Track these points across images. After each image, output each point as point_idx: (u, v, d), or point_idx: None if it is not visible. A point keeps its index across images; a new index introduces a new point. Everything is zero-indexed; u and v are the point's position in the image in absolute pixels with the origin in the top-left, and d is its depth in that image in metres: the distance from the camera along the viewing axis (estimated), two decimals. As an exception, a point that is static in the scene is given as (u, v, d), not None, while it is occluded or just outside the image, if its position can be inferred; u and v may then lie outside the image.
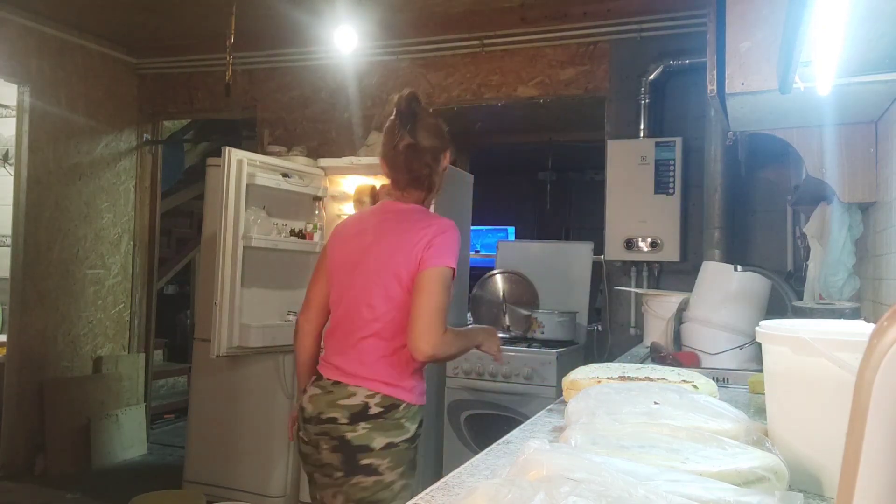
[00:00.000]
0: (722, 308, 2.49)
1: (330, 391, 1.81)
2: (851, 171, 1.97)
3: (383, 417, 1.77)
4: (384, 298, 1.80)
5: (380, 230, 1.87)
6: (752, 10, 1.56)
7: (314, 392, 1.85)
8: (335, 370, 1.84)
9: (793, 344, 0.93)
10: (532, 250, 4.22)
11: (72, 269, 4.53)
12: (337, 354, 1.86)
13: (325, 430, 1.78)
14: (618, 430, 0.91)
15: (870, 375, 0.52)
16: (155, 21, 4.40)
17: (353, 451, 1.75)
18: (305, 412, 1.84)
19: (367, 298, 1.82)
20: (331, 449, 1.78)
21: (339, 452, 1.76)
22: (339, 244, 1.95)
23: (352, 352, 1.83)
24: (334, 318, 1.91)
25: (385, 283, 1.80)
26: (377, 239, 1.85)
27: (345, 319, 1.86)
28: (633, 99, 3.76)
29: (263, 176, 3.50)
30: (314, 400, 1.83)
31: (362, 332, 1.82)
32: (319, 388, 1.84)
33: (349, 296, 1.86)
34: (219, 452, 3.79)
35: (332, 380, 1.83)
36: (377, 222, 1.90)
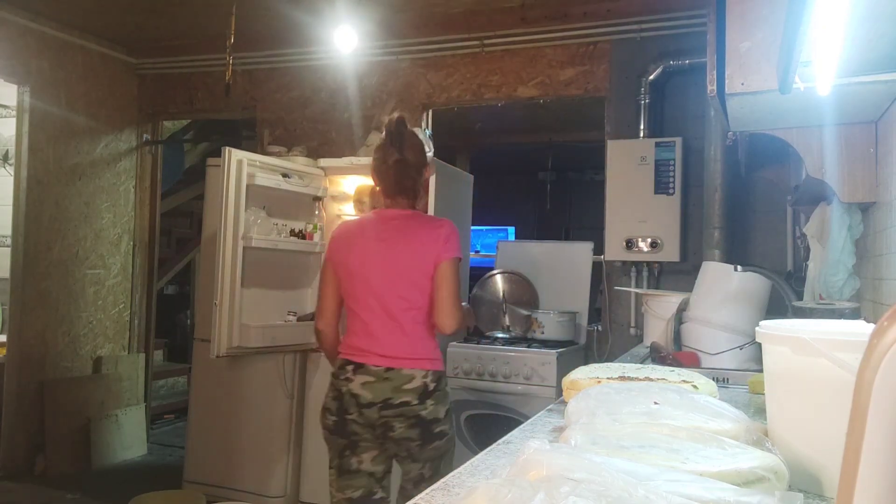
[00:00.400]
0: (722, 308, 2.49)
1: (386, 378, 2.12)
2: (851, 171, 1.97)
3: (438, 390, 2.16)
4: (416, 289, 2.15)
5: (389, 234, 2.19)
6: (752, 10, 1.56)
7: (366, 380, 2.13)
8: (382, 358, 2.13)
9: (793, 344, 0.93)
10: (532, 250, 4.22)
11: (72, 269, 4.53)
12: (380, 344, 2.14)
13: (401, 412, 2.10)
14: (618, 430, 0.91)
15: (870, 375, 0.52)
16: (155, 21, 4.40)
17: (428, 424, 2.12)
18: (361, 398, 2.12)
19: (400, 292, 2.15)
20: (408, 426, 2.11)
21: (417, 427, 2.11)
22: (345, 252, 2.23)
23: (397, 339, 2.14)
24: (363, 315, 2.18)
25: (413, 277, 2.15)
26: (391, 242, 2.18)
27: (379, 314, 2.16)
28: (632, 99, 3.76)
29: (263, 176, 3.50)
30: (370, 387, 2.12)
31: (402, 320, 2.14)
32: (371, 376, 2.13)
33: (378, 293, 2.16)
34: (219, 452, 3.79)
35: (382, 367, 2.13)
36: (383, 228, 2.21)
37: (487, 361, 3.48)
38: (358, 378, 2.14)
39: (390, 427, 2.12)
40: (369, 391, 2.12)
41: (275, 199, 3.63)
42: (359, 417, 2.14)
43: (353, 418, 2.15)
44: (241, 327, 3.37)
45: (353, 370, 2.16)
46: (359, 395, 2.13)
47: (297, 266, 3.78)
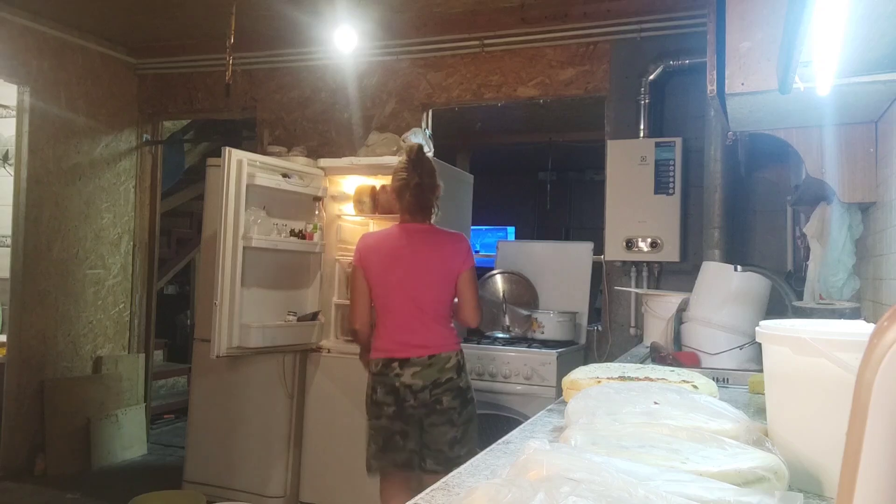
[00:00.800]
0: (722, 308, 2.49)
1: (430, 364, 2.60)
2: (851, 171, 1.97)
3: (465, 364, 2.70)
4: (443, 291, 2.66)
5: (418, 247, 2.67)
6: (752, 10, 1.55)
7: (413, 370, 2.59)
8: (422, 349, 2.60)
9: (793, 344, 0.93)
10: (532, 250, 4.22)
11: (72, 269, 4.53)
12: (420, 337, 2.61)
13: (448, 388, 2.60)
14: (618, 430, 0.91)
15: (870, 375, 0.52)
16: (155, 21, 4.40)
17: (464, 392, 2.65)
18: (414, 387, 2.58)
19: (431, 293, 2.64)
20: (452, 398, 2.60)
21: (459, 397, 2.62)
22: (378, 262, 2.68)
23: (432, 332, 2.63)
24: (400, 315, 2.64)
25: (441, 281, 2.66)
26: (420, 253, 2.66)
27: (415, 313, 2.62)
28: (633, 99, 3.76)
29: (263, 176, 3.50)
30: (420, 375, 2.59)
31: (433, 316, 2.64)
32: (417, 366, 2.60)
33: (413, 296, 2.63)
34: (219, 452, 3.79)
35: (425, 356, 2.60)
36: (411, 241, 2.68)
37: (487, 361, 3.48)
38: (407, 371, 2.59)
39: (440, 401, 2.60)
40: (419, 378, 2.59)
41: (275, 199, 3.63)
42: (415, 402, 2.60)
43: (410, 404, 2.60)
44: (241, 327, 3.37)
45: (399, 365, 2.60)
46: (412, 384, 2.59)
47: (297, 266, 3.78)
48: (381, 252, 2.68)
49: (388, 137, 3.82)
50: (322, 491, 3.66)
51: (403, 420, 2.62)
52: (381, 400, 2.63)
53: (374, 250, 2.69)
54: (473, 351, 3.53)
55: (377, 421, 2.66)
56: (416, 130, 3.82)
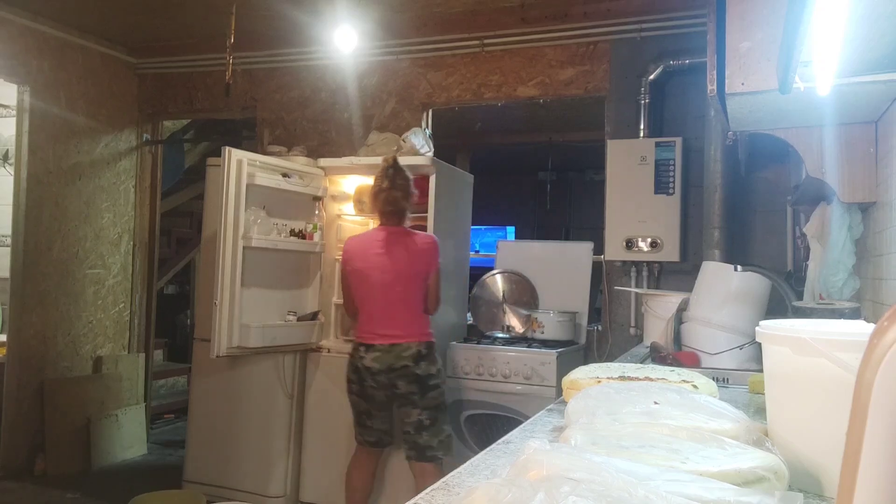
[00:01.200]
0: (722, 308, 2.49)
1: (390, 350, 2.93)
2: (851, 171, 1.97)
3: (429, 355, 2.99)
4: (411, 287, 3.00)
5: (390, 248, 3.01)
6: (752, 10, 1.55)
7: (375, 355, 2.94)
8: (386, 337, 2.94)
9: (793, 344, 0.93)
10: (532, 250, 4.22)
11: (72, 269, 4.53)
12: (384, 327, 2.96)
13: (402, 374, 2.93)
14: (618, 430, 0.91)
15: (870, 375, 0.52)
16: (155, 21, 4.40)
17: (423, 380, 2.95)
18: (373, 370, 2.94)
19: (398, 289, 2.98)
20: (407, 383, 2.94)
21: (415, 383, 2.94)
22: (356, 261, 3.05)
23: (396, 322, 2.97)
24: (371, 306, 3.00)
25: (409, 278, 3.00)
26: (391, 251, 3.00)
27: (385, 305, 2.97)
28: (633, 99, 3.76)
29: (263, 176, 3.50)
30: (379, 359, 2.94)
31: (399, 310, 2.98)
32: (378, 351, 2.94)
33: (383, 290, 2.98)
34: (219, 452, 3.79)
35: (386, 343, 2.93)
36: (383, 243, 3.02)
37: (487, 361, 3.48)
38: (368, 355, 2.96)
39: (395, 385, 2.94)
40: (377, 362, 2.94)
41: (275, 199, 3.63)
42: (373, 382, 2.96)
43: (369, 384, 2.98)
44: (241, 327, 3.38)
45: (364, 350, 2.97)
46: (370, 367, 2.95)
47: (297, 266, 3.78)
48: (360, 252, 3.05)
49: (388, 137, 3.82)
50: (322, 491, 3.66)
51: (365, 399, 3.02)
52: (350, 377, 3.05)
53: (354, 251, 3.07)
54: (473, 351, 3.53)
55: (349, 396, 3.08)
56: (416, 130, 3.82)
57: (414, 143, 3.70)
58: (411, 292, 2.99)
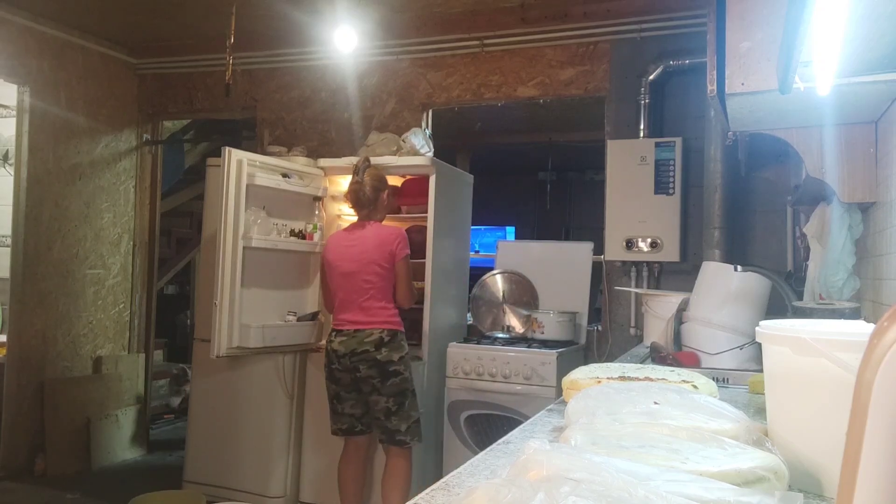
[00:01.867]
0: (722, 308, 2.49)
1: (354, 336, 3.10)
2: (851, 171, 1.97)
3: (392, 342, 3.11)
4: (375, 276, 3.14)
5: (360, 239, 3.20)
6: (752, 10, 1.55)
7: (341, 339, 3.11)
8: (351, 323, 3.13)
9: (793, 344, 0.93)
10: (532, 250, 4.22)
11: (72, 269, 4.53)
12: (350, 314, 3.14)
13: (363, 358, 3.07)
14: (618, 430, 0.91)
15: (870, 375, 0.52)
16: (155, 21, 4.40)
17: (383, 366, 3.07)
18: (338, 353, 3.11)
19: (362, 277, 3.14)
20: (368, 367, 3.07)
21: (375, 368, 3.07)
22: (335, 252, 3.23)
23: (361, 310, 3.13)
24: (341, 294, 3.18)
25: (373, 268, 3.14)
26: (361, 243, 3.18)
27: (351, 293, 3.15)
28: (633, 99, 3.76)
29: (263, 176, 3.50)
30: (344, 343, 3.10)
31: (363, 298, 3.13)
32: (344, 336, 3.11)
33: (349, 278, 3.15)
34: (219, 452, 3.79)
35: (351, 329, 3.11)
36: (353, 237, 3.23)
37: (487, 361, 3.48)
38: (336, 339, 3.14)
39: (357, 369, 3.08)
40: (342, 346, 3.11)
41: (275, 199, 3.63)
42: (339, 365, 3.13)
43: (335, 367, 3.15)
44: (241, 327, 3.38)
45: (334, 335, 3.16)
46: (337, 350, 3.13)
47: (297, 266, 3.78)
48: (333, 246, 3.25)
49: (388, 137, 3.82)
50: (322, 491, 3.66)
51: (334, 381, 3.17)
52: (325, 362, 3.22)
53: (329, 245, 3.28)
54: (473, 351, 3.54)
55: (326, 381, 3.23)
56: (415, 130, 3.82)
57: (414, 143, 3.70)
58: (374, 281, 3.12)
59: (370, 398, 3.12)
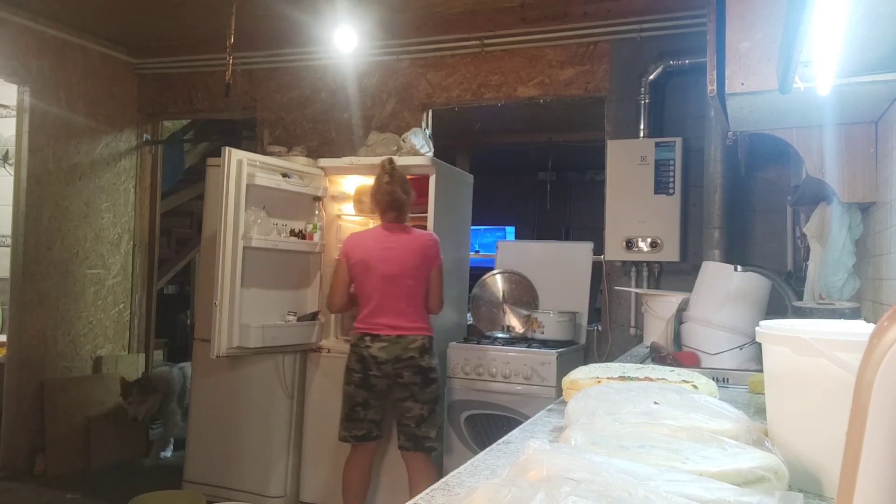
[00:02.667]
0: (722, 308, 2.49)
1: (397, 342, 3.03)
2: (851, 171, 1.97)
3: (431, 348, 3.11)
4: (415, 282, 3.10)
5: (400, 242, 3.12)
6: (752, 10, 1.55)
7: (381, 345, 3.02)
8: (391, 328, 3.03)
9: (793, 344, 0.93)
10: (532, 250, 4.22)
11: (72, 269, 4.53)
12: (389, 318, 3.04)
13: (409, 364, 3.02)
14: (618, 430, 0.91)
15: (870, 375, 0.52)
16: (155, 21, 4.40)
17: (426, 372, 3.06)
18: (379, 359, 3.02)
19: (405, 283, 3.07)
20: (412, 374, 3.03)
21: (419, 375, 3.04)
22: (373, 253, 3.10)
23: (402, 315, 3.06)
24: (378, 298, 3.07)
25: (414, 273, 3.10)
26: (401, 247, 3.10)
27: (390, 297, 3.06)
28: (633, 99, 3.76)
29: (263, 176, 3.50)
30: (385, 349, 3.02)
31: (406, 303, 3.08)
32: (384, 342, 3.03)
33: (390, 282, 3.06)
34: (219, 452, 3.79)
35: (392, 335, 3.03)
36: (388, 240, 3.12)
37: (487, 361, 3.48)
38: (375, 345, 3.03)
39: (400, 375, 3.02)
40: (384, 352, 3.01)
41: (275, 199, 3.63)
42: (378, 371, 3.03)
43: (373, 373, 3.04)
44: (240, 327, 3.37)
45: (370, 340, 3.04)
46: (377, 356, 3.02)
47: (297, 266, 3.78)
48: (364, 245, 3.13)
49: (388, 137, 3.82)
50: (322, 491, 3.66)
51: (367, 388, 3.06)
52: (352, 367, 3.08)
53: (357, 244, 3.14)
54: (473, 351, 3.53)
55: (347, 387, 3.09)
56: (416, 130, 3.82)
57: (414, 143, 3.70)
58: (415, 287, 3.09)
59: (402, 404, 3.06)
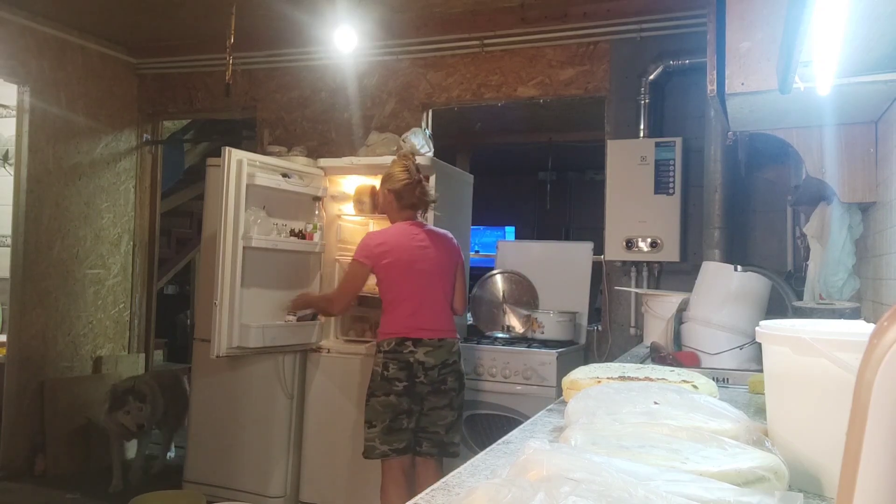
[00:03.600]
0: (722, 308, 2.49)
1: (440, 346, 2.88)
2: (851, 171, 1.97)
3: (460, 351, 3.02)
4: (448, 283, 3.00)
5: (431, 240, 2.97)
6: (752, 10, 1.55)
7: (426, 349, 2.85)
8: (434, 332, 2.88)
9: (793, 344, 0.93)
10: (532, 250, 4.22)
11: (72, 269, 4.53)
12: (430, 321, 2.89)
13: (453, 370, 2.90)
14: (618, 430, 0.91)
15: (870, 375, 0.52)
16: (155, 21, 4.40)
17: (462, 377, 2.97)
18: (427, 364, 2.84)
19: (441, 285, 2.96)
20: (454, 379, 2.91)
21: (458, 380, 2.93)
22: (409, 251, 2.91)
23: (441, 319, 2.93)
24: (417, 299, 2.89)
25: (445, 273, 2.99)
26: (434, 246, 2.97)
27: (429, 299, 2.92)
28: (633, 99, 3.76)
29: (263, 176, 3.50)
30: (433, 354, 2.86)
31: (443, 306, 2.96)
32: (429, 346, 2.86)
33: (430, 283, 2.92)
34: (219, 452, 3.79)
35: (435, 338, 2.87)
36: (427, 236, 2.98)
37: (487, 361, 3.48)
38: (420, 349, 2.84)
39: (444, 381, 2.88)
40: (431, 357, 2.85)
41: (275, 199, 3.63)
42: (425, 378, 2.84)
43: (420, 381, 2.84)
44: (241, 327, 3.37)
45: (412, 344, 2.85)
46: (424, 361, 2.84)
47: (297, 266, 3.77)
48: (400, 247, 2.92)
49: (388, 137, 3.82)
50: (322, 491, 3.66)
51: (411, 397, 2.84)
52: (394, 376, 2.83)
53: (390, 246, 2.93)
54: (473, 351, 3.53)
55: (386, 398, 2.82)
56: (416, 130, 3.82)
57: (414, 143, 3.70)
58: (448, 287, 2.99)
59: (439, 411, 2.88)
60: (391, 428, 2.82)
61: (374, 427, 2.84)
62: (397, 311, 2.90)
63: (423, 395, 2.87)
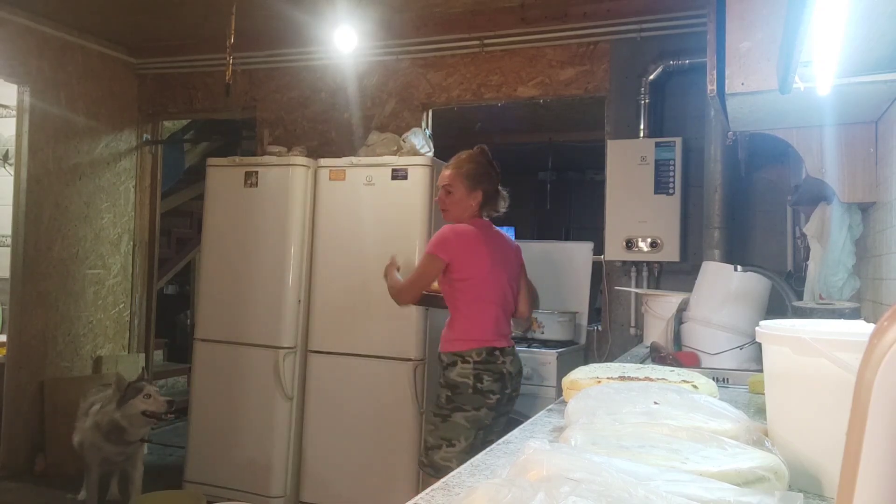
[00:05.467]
0: (722, 308, 2.49)
1: (514, 353, 2.74)
2: (851, 171, 1.97)
3: None
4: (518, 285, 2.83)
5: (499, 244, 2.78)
6: (752, 10, 1.55)
7: (511, 359, 2.69)
8: (509, 339, 2.72)
9: (793, 344, 0.93)
10: (532, 250, 4.21)
11: (72, 269, 4.53)
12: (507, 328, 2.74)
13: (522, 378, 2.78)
14: (618, 430, 0.91)
15: (870, 375, 0.52)
16: (155, 21, 4.40)
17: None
18: (512, 374, 2.67)
19: (514, 287, 2.79)
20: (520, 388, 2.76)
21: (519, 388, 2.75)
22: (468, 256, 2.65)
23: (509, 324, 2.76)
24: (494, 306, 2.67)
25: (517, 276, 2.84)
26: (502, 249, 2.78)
27: (506, 305, 2.73)
28: (633, 99, 3.76)
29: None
30: (513, 363, 2.70)
31: (512, 309, 2.78)
32: (511, 355, 2.70)
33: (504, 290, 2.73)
34: (219, 452, 3.79)
35: (510, 347, 2.71)
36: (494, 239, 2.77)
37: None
38: (507, 359, 2.66)
39: (517, 390, 2.75)
40: (513, 366, 2.70)
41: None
42: (511, 389, 2.70)
43: (508, 392, 2.68)
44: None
45: (501, 353, 2.64)
46: (511, 371, 2.68)
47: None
48: (486, 247, 2.70)
49: (388, 137, 3.81)
50: (322, 491, 3.65)
51: (498, 410, 2.64)
52: (488, 388, 2.58)
53: (469, 245, 2.67)
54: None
55: (476, 412, 2.56)
56: (416, 130, 3.82)
57: (414, 143, 3.70)
58: (517, 290, 2.83)
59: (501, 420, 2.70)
60: (473, 446, 2.51)
61: (453, 446, 2.55)
62: (482, 316, 2.65)
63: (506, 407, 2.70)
